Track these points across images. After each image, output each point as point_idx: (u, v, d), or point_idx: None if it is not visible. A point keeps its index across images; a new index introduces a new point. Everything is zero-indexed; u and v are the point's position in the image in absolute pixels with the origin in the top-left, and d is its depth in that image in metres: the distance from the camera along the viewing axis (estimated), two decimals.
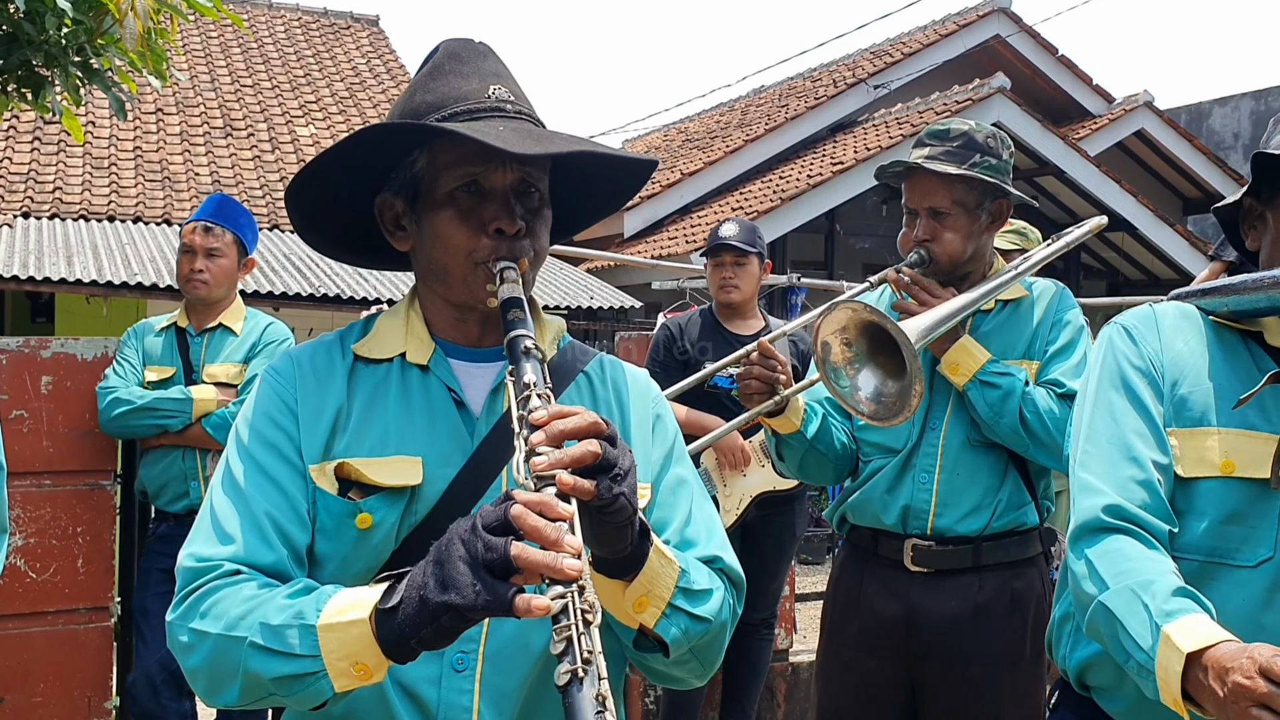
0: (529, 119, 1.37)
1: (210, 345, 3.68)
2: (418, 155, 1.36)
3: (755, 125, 13.48)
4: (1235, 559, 1.53)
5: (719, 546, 1.40)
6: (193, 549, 1.27)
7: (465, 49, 1.42)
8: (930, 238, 2.49)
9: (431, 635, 1.09)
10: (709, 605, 1.30)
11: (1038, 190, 12.01)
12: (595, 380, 1.46)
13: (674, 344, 3.93)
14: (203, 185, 10.61)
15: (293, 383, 1.37)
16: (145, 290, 7.38)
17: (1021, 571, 2.49)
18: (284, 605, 1.18)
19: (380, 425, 1.34)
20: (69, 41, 3.50)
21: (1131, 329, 1.66)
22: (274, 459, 1.32)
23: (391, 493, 1.31)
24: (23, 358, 3.54)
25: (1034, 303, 2.55)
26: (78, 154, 10.60)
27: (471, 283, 1.34)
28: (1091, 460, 1.59)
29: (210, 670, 1.20)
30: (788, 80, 16.24)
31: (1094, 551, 1.50)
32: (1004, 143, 2.55)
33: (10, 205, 9.46)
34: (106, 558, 3.68)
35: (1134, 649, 1.38)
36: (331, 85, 13.47)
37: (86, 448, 3.63)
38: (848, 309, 2.26)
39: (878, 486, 2.52)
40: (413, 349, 1.40)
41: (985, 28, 12.88)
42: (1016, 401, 2.37)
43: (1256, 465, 1.51)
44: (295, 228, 1.46)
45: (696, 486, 1.46)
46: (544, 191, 1.39)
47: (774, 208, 10.25)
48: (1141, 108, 12.54)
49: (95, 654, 3.68)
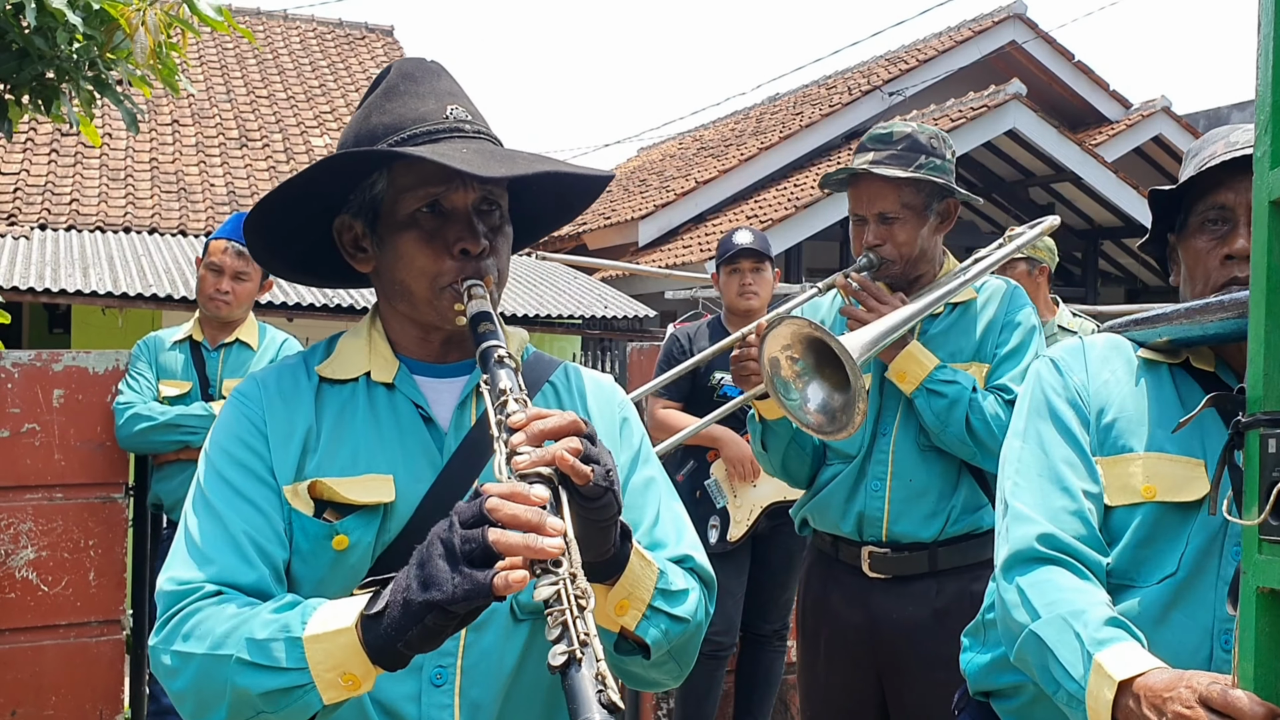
0: (487, 138, 1.38)
1: (228, 360, 3.69)
2: (377, 177, 1.36)
3: (770, 133, 13.46)
4: (1139, 580, 1.54)
5: (690, 546, 1.41)
6: (171, 573, 1.27)
7: (419, 69, 1.43)
8: (881, 242, 2.48)
9: (418, 637, 1.08)
10: (686, 605, 1.32)
11: (1055, 197, 11.94)
12: (560, 389, 1.48)
13: (684, 354, 3.93)
14: (218, 196, 10.66)
15: (260, 405, 1.37)
16: (160, 301, 7.41)
17: (980, 574, 2.47)
18: (269, 620, 1.17)
19: (350, 444, 1.35)
20: (80, 56, 3.52)
21: (1059, 361, 1.70)
22: (247, 479, 1.32)
23: (366, 511, 1.31)
24: (34, 371, 3.56)
25: (983, 304, 2.53)
26: (94, 166, 10.66)
27: (439, 304, 1.35)
28: (1022, 491, 1.60)
29: (197, 692, 1.19)
30: (802, 88, 16.21)
31: (1026, 580, 1.51)
32: (947, 143, 2.54)
33: (27, 217, 9.53)
34: (118, 571, 3.69)
35: (1064, 678, 1.39)
36: (346, 96, 13.51)
37: (98, 461, 3.64)
38: (792, 324, 2.26)
39: (836, 494, 2.53)
40: (377, 368, 1.40)
41: (1001, 34, 12.82)
42: (963, 409, 2.36)
43: (1177, 489, 1.54)
44: (255, 257, 1.47)
45: (665, 487, 1.47)
46: (504, 209, 1.40)
47: (789, 216, 10.22)
48: (1159, 113, 12.45)
49: (107, 667, 3.69)
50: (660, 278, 10.15)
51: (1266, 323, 1.10)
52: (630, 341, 6.25)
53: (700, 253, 10.44)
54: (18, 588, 3.54)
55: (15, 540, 3.52)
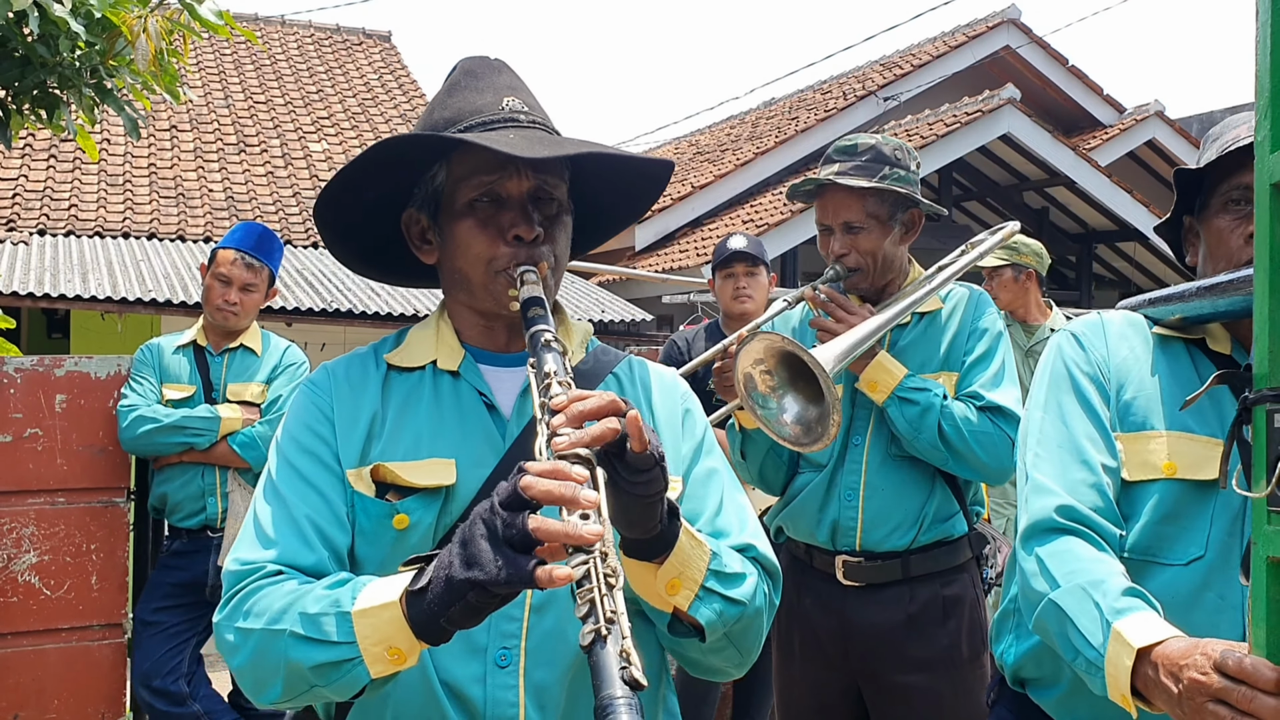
0: (542, 128, 1.41)
1: (232, 365, 3.72)
2: (437, 169, 1.41)
3: (765, 138, 13.50)
4: (1167, 557, 1.57)
5: (752, 535, 1.42)
6: (237, 554, 1.32)
7: (481, 66, 1.47)
8: (846, 251, 2.52)
9: (460, 613, 1.11)
10: (743, 588, 1.31)
11: (1049, 201, 11.98)
12: (624, 380, 1.50)
13: (683, 358, 3.95)
14: (216, 201, 10.68)
15: (329, 393, 1.42)
16: (160, 306, 7.42)
17: (952, 579, 2.52)
18: (321, 595, 1.22)
19: (414, 430, 1.38)
20: (82, 63, 3.54)
21: (1080, 335, 1.72)
22: (313, 465, 1.36)
23: (427, 493, 1.35)
24: (37, 376, 3.58)
25: (950, 313, 2.56)
26: (93, 171, 10.68)
27: (494, 289, 1.38)
28: (1043, 462, 1.63)
29: (255, 667, 1.24)
30: (797, 92, 16.25)
31: (1045, 551, 1.54)
32: (911, 155, 2.57)
33: (26, 223, 9.54)
34: (120, 574, 3.71)
35: (1084, 646, 1.42)
36: (344, 101, 13.54)
37: (100, 465, 3.66)
38: (765, 339, 2.29)
39: (809, 503, 2.56)
40: (443, 356, 1.44)
41: (995, 39, 12.87)
42: (935, 416, 2.39)
43: (1197, 467, 1.56)
44: (326, 244, 1.50)
45: (728, 477, 1.48)
46: (562, 199, 1.43)
47: (785, 220, 10.25)
48: (1153, 117, 12.50)
49: (109, 670, 3.71)
50: (657, 282, 10.17)
51: (1270, 302, 1.14)
52: (627, 345, 6.27)
53: (697, 257, 10.47)
54: (20, 592, 3.56)
55: (18, 544, 3.54)
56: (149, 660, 3.58)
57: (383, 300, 8.17)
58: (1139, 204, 11.35)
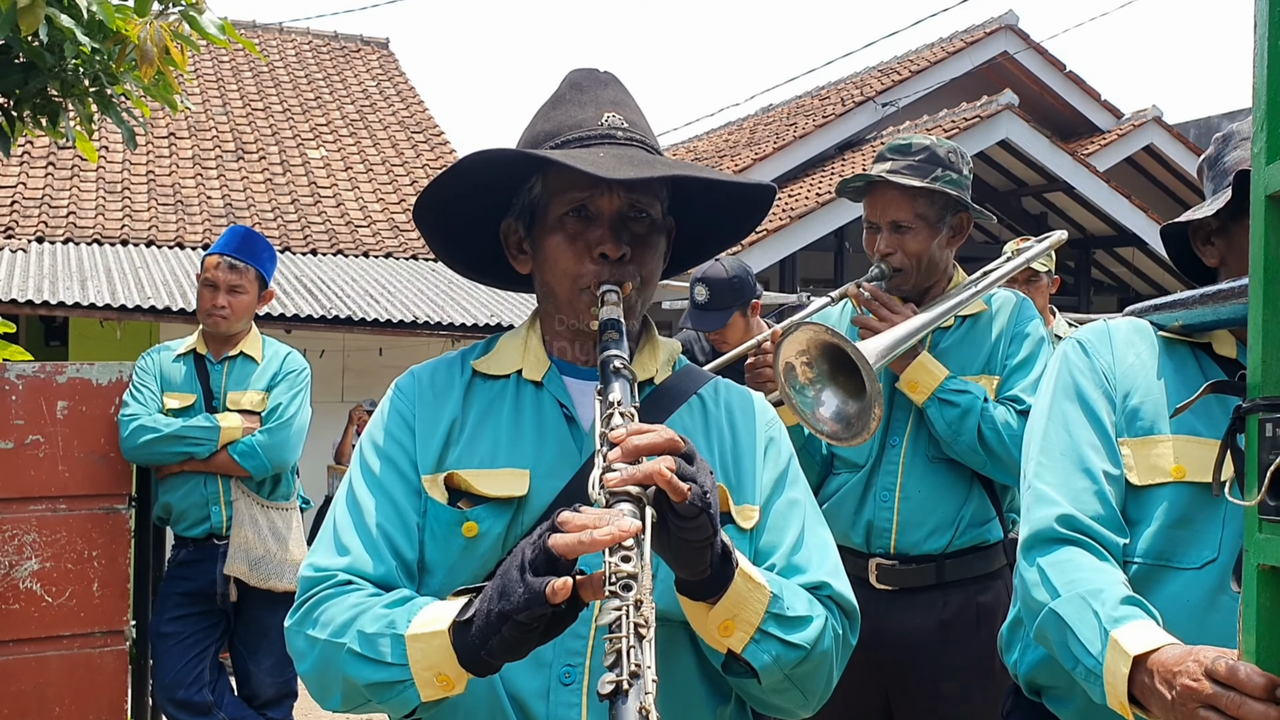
0: (641, 145, 1.40)
1: (232, 373, 3.70)
2: (535, 181, 1.41)
3: (764, 144, 13.51)
4: (1181, 562, 1.57)
5: (830, 573, 1.39)
6: (314, 559, 1.34)
7: (587, 79, 1.47)
8: (892, 250, 2.50)
9: (499, 647, 1.12)
10: (805, 633, 1.28)
11: (1047, 206, 12.01)
12: (709, 402, 1.48)
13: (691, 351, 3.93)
14: (215, 208, 10.68)
15: (413, 399, 1.43)
16: (158, 314, 7.42)
17: (986, 586, 2.50)
18: (380, 615, 1.23)
19: (491, 438, 1.39)
20: (85, 70, 3.54)
21: (1085, 343, 1.73)
22: (390, 473, 1.38)
23: (498, 503, 1.35)
24: (38, 383, 3.57)
25: (993, 317, 2.55)
26: (91, 178, 10.68)
27: (577, 306, 1.39)
28: (1046, 471, 1.63)
29: (319, 675, 1.27)
30: (796, 99, 16.27)
31: (1046, 560, 1.55)
32: (964, 159, 2.56)
33: (25, 230, 9.54)
34: (121, 581, 3.70)
35: (1083, 654, 1.43)
36: (342, 108, 13.55)
37: (101, 472, 3.65)
38: (809, 330, 2.28)
39: (844, 503, 2.54)
40: (529, 366, 1.45)
41: (993, 45, 12.89)
42: (975, 419, 2.37)
43: (1205, 470, 1.56)
44: (429, 246, 1.52)
45: (810, 510, 1.46)
46: (656, 218, 1.42)
47: (783, 226, 10.26)
48: (1150, 122, 12.53)
49: (110, 678, 3.69)
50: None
51: (1264, 312, 1.14)
52: None
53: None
54: (21, 599, 3.55)
55: (19, 551, 3.53)
56: (170, 672, 3.58)
57: (381, 308, 8.17)
58: (1137, 209, 11.38)
